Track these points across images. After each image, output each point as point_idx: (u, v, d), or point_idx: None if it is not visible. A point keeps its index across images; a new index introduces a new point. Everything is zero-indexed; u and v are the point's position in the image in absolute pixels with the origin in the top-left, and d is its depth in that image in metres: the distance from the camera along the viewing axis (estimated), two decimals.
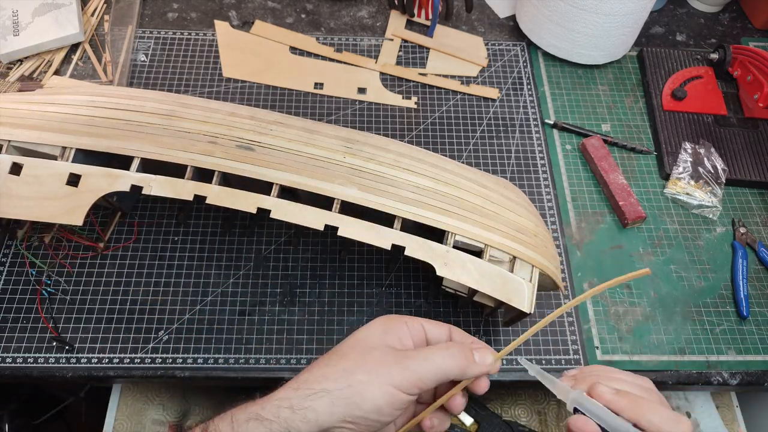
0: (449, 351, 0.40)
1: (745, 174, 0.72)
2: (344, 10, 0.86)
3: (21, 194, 0.50)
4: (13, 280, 0.60)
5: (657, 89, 0.78)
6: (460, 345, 0.41)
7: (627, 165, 0.73)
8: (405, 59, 0.81)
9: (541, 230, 0.55)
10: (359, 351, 0.40)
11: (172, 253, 0.63)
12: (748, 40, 0.87)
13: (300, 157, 0.52)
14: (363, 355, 0.39)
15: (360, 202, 0.50)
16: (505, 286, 0.49)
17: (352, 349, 0.40)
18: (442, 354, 0.40)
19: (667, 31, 0.88)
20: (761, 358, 0.61)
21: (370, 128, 0.74)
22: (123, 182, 0.50)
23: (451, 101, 0.77)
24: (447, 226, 0.50)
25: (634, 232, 0.68)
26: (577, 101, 0.78)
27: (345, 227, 0.49)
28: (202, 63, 0.78)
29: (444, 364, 0.39)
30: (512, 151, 0.73)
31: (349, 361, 0.39)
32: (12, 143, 0.52)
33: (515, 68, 0.81)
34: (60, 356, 0.57)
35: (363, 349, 0.40)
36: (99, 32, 0.79)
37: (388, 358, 0.39)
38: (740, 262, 0.65)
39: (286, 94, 0.76)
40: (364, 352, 0.40)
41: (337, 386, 0.38)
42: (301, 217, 0.49)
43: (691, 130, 0.75)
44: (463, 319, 0.61)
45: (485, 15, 0.88)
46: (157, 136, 0.52)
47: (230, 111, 0.56)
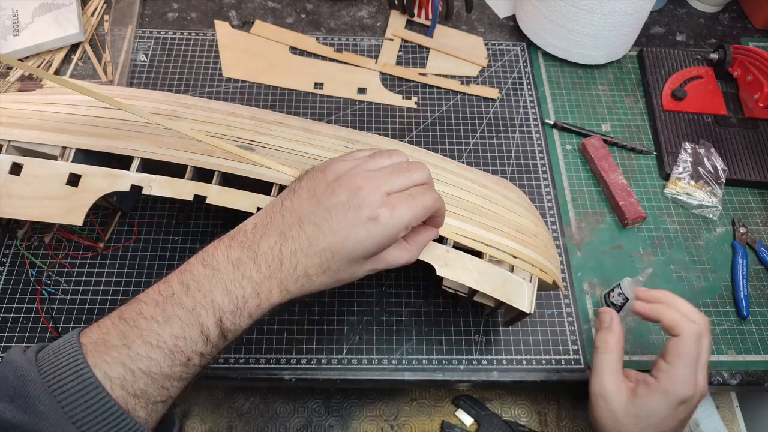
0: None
1: (745, 174, 0.72)
2: (344, 10, 0.86)
3: (21, 194, 0.50)
4: (13, 280, 0.60)
5: (657, 89, 0.78)
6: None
7: (627, 165, 0.73)
8: (405, 59, 0.81)
9: (541, 230, 0.55)
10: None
11: (172, 253, 0.63)
12: (748, 40, 0.87)
13: (300, 157, 0.53)
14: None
15: None
16: (505, 286, 0.49)
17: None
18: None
19: (667, 31, 0.88)
20: (761, 358, 0.61)
21: (370, 128, 0.74)
22: (123, 182, 0.50)
23: (451, 101, 0.77)
24: (447, 226, 0.50)
25: (634, 232, 0.68)
26: (577, 101, 0.78)
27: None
28: (202, 63, 0.78)
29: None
30: (512, 151, 0.73)
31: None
32: (12, 143, 0.52)
33: (515, 68, 0.81)
34: None
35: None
36: (99, 32, 0.79)
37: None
38: (740, 262, 0.65)
39: (286, 94, 0.76)
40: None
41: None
42: None
43: (691, 130, 0.75)
44: (463, 318, 0.61)
45: (485, 15, 0.88)
46: (157, 136, 0.52)
47: (230, 111, 0.56)
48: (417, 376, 0.58)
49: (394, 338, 0.60)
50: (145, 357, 0.36)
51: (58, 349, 0.36)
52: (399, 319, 0.61)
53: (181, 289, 0.38)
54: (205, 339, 0.38)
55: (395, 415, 0.67)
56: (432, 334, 0.60)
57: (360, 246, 0.40)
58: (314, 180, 0.42)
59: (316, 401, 0.68)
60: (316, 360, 0.58)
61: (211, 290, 0.38)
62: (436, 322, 0.61)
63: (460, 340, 0.60)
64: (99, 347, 0.36)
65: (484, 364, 0.59)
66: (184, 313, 0.37)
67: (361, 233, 0.39)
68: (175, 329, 0.37)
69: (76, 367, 0.35)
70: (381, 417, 0.67)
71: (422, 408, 0.67)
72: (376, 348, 0.59)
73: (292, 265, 0.40)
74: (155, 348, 0.36)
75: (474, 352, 0.60)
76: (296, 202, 0.41)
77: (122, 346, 0.36)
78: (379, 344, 0.60)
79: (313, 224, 0.40)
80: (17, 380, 0.35)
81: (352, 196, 0.40)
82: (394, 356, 0.59)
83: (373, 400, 0.68)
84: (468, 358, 0.59)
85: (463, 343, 0.60)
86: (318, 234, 0.40)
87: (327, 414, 0.67)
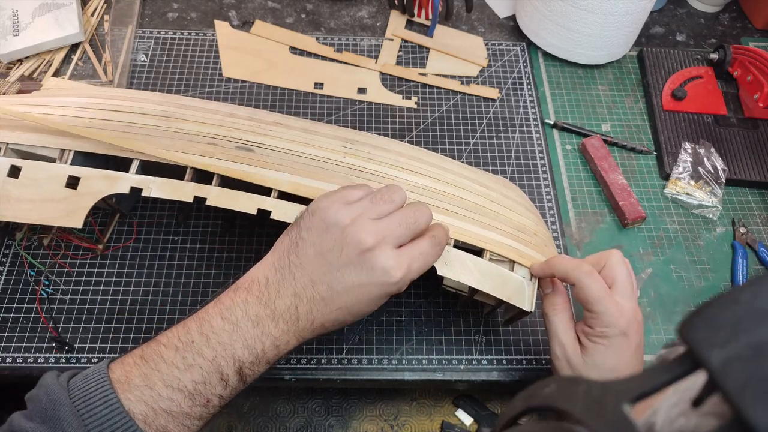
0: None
1: (745, 174, 0.72)
2: (344, 10, 0.86)
3: (20, 197, 0.50)
4: (13, 280, 0.60)
5: (657, 89, 0.78)
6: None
7: (627, 165, 0.73)
8: (405, 59, 0.81)
9: (541, 229, 0.55)
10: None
11: (172, 253, 0.63)
12: (748, 40, 0.87)
13: (299, 158, 0.52)
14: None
15: None
16: (506, 285, 0.49)
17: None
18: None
19: (667, 31, 0.88)
20: None
21: (370, 128, 0.74)
22: (122, 184, 0.50)
23: (451, 101, 0.77)
24: (448, 226, 0.50)
25: (634, 232, 0.68)
26: (577, 101, 0.78)
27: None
28: (202, 63, 0.78)
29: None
30: (512, 151, 0.73)
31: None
32: (10, 146, 0.52)
33: (515, 68, 0.81)
34: (60, 356, 0.57)
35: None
36: (99, 32, 0.79)
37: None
38: (740, 262, 0.65)
39: (286, 94, 0.76)
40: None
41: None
42: None
43: (691, 130, 0.75)
44: (463, 318, 0.61)
45: (485, 15, 0.88)
46: (156, 138, 0.52)
47: (229, 112, 0.56)
48: (417, 376, 0.59)
49: (394, 338, 0.60)
50: (167, 398, 0.39)
51: (88, 376, 0.39)
52: (399, 319, 0.61)
53: (201, 339, 0.40)
54: (224, 384, 0.40)
55: (395, 415, 0.67)
56: (432, 334, 0.60)
57: (372, 303, 0.43)
58: (316, 232, 0.42)
59: (316, 401, 0.68)
60: (316, 360, 0.58)
61: (232, 344, 0.40)
62: (436, 322, 0.61)
63: (460, 340, 0.60)
64: (122, 385, 0.39)
65: (484, 364, 0.59)
66: (204, 362, 0.40)
67: (374, 291, 0.42)
68: (195, 376, 0.39)
69: (103, 394, 0.38)
70: (381, 417, 0.67)
71: (422, 408, 0.67)
72: (376, 348, 0.59)
73: (308, 321, 0.42)
74: (176, 390, 0.39)
75: (474, 352, 0.60)
76: (304, 260, 0.42)
77: (144, 387, 0.39)
78: (379, 344, 0.60)
79: (327, 285, 0.42)
80: (49, 403, 0.38)
81: (364, 257, 0.41)
82: (394, 356, 0.59)
83: (373, 400, 0.68)
84: (468, 358, 0.59)
85: (463, 343, 0.60)
86: (332, 294, 0.42)
87: (327, 414, 0.67)
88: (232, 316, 0.41)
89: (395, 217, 0.43)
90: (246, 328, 0.41)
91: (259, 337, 0.41)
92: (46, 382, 0.39)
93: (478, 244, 0.50)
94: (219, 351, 0.40)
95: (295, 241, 0.43)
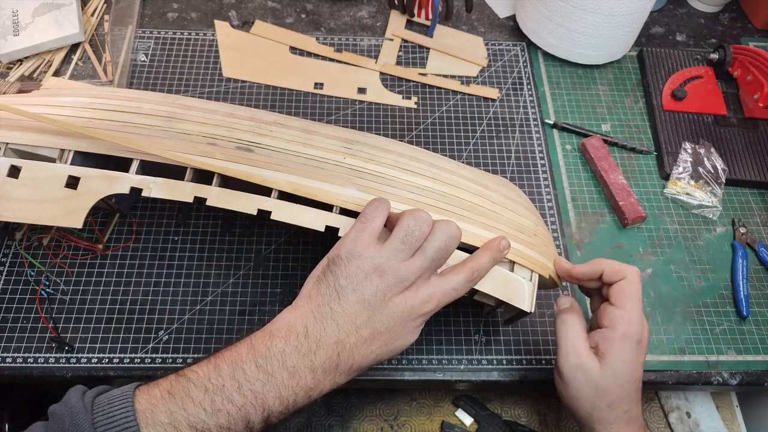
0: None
1: (745, 174, 0.72)
2: (344, 10, 0.86)
3: (20, 197, 0.50)
4: (13, 280, 0.60)
5: (657, 89, 0.78)
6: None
7: (627, 165, 0.73)
8: (405, 59, 0.81)
9: (541, 229, 0.55)
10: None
11: (172, 253, 0.63)
12: (748, 40, 0.87)
13: (299, 158, 0.52)
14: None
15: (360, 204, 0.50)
16: (506, 285, 0.49)
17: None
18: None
19: (667, 31, 0.88)
20: (761, 358, 0.61)
21: (370, 128, 0.74)
22: (122, 184, 0.50)
23: (451, 101, 0.77)
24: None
25: (634, 232, 0.68)
26: (577, 101, 0.78)
27: (345, 228, 0.49)
28: (202, 63, 0.78)
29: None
30: (512, 151, 0.73)
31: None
32: (10, 146, 0.52)
33: (515, 68, 0.81)
34: (60, 356, 0.57)
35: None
36: (99, 32, 0.79)
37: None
38: (740, 262, 0.65)
39: (286, 94, 0.76)
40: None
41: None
42: (301, 218, 0.49)
43: (691, 130, 0.75)
44: (463, 318, 0.61)
45: (485, 15, 0.88)
46: (156, 138, 0.52)
47: (229, 112, 0.56)
48: (417, 376, 0.59)
49: None
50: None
51: (113, 401, 0.38)
52: None
53: (233, 384, 0.39)
54: (248, 430, 0.39)
55: (395, 415, 0.67)
56: (432, 334, 0.60)
57: (409, 336, 0.44)
58: (355, 279, 0.43)
59: (315, 401, 0.68)
60: None
61: (264, 394, 0.39)
62: (436, 322, 0.61)
63: (460, 340, 0.60)
64: (147, 419, 0.38)
65: (484, 364, 0.59)
66: (233, 409, 0.39)
67: (410, 326, 0.43)
68: (221, 420, 0.38)
69: (126, 424, 0.37)
70: (381, 417, 0.67)
71: (422, 408, 0.67)
72: None
73: (347, 366, 0.42)
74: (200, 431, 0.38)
75: (474, 352, 0.60)
76: (347, 307, 0.42)
77: (168, 424, 0.38)
78: None
79: (371, 328, 0.42)
80: (72, 427, 0.37)
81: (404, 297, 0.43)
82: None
83: (373, 400, 0.68)
84: (468, 358, 0.59)
85: (463, 343, 0.60)
86: (374, 335, 0.42)
87: (327, 414, 0.67)
88: (268, 366, 0.40)
89: (428, 253, 0.44)
90: (281, 379, 0.40)
91: (294, 388, 0.40)
92: (72, 402, 0.39)
93: (478, 244, 0.50)
94: (250, 399, 0.39)
95: (335, 289, 0.43)
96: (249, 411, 0.39)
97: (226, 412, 0.39)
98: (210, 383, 0.39)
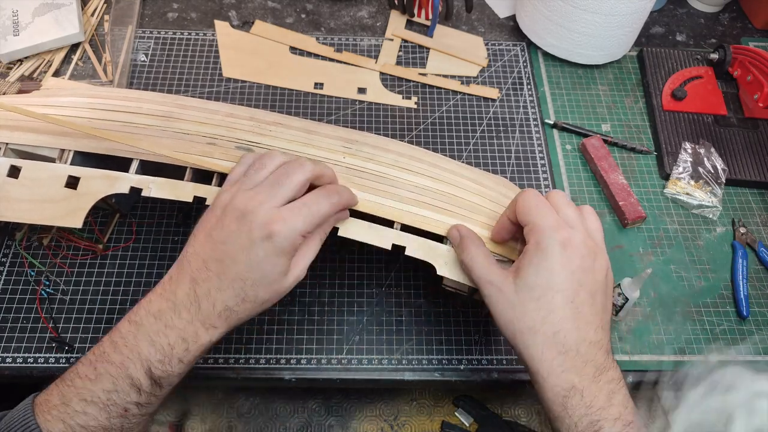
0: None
1: (745, 174, 0.72)
2: (344, 10, 0.86)
3: (19, 197, 0.50)
4: (13, 280, 0.60)
5: (657, 89, 0.78)
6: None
7: (627, 165, 0.73)
8: (405, 59, 0.81)
9: None
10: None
11: (172, 253, 0.63)
12: (748, 40, 0.87)
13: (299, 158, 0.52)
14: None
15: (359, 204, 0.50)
16: None
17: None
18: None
19: (667, 31, 0.88)
20: (761, 358, 0.61)
21: (370, 128, 0.74)
22: (122, 184, 0.50)
23: (451, 101, 0.77)
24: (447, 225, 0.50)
25: (634, 232, 0.68)
26: (577, 101, 0.78)
27: (345, 227, 0.49)
28: (202, 63, 0.78)
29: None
30: (512, 151, 0.73)
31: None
32: (10, 146, 0.52)
33: (515, 68, 0.81)
34: (60, 356, 0.57)
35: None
36: (99, 32, 0.79)
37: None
38: (740, 262, 0.65)
39: (286, 94, 0.76)
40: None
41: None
42: None
43: (691, 130, 0.75)
44: (463, 319, 0.61)
45: (485, 15, 0.88)
46: (156, 138, 0.52)
47: (229, 112, 0.56)
48: (417, 376, 0.59)
49: (394, 338, 0.60)
50: (81, 412, 0.39)
51: (15, 410, 0.41)
52: (399, 319, 0.61)
53: (110, 347, 0.41)
54: (137, 390, 0.40)
55: (395, 415, 0.67)
56: (432, 334, 0.60)
57: (263, 266, 0.42)
58: (205, 221, 0.44)
59: (316, 401, 0.68)
60: (316, 360, 0.58)
61: (137, 344, 0.40)
62: (436, 322, 0.61)
63: (460, 340, 0.60)
64: (42, 407, 0.40)
65: (484, 364, 0.59)
66: (113, 368, 0.40)
67: (259, 254, 0.41)
68: (106, 384, 0.40)
69: (24, 421, 0.39)
70: (381, 417, 0.67)
71: (422, 408, 0.67)
72: (376, 348, 0.59)
73: (209, 304, 0.42)
74: (90, 404, 0.39)
75: (474, 352, 0.60)
76: (197, 247, 0.43)
77: (61, 405, 0.39)
78: (379, 344, 0.60)
79: (216, 260, 0.42)
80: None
81: (241, 222, 0.42)
82: (394, 356, 0.59)
83: (373, 400, 0.68)
84: (468, 358, 0.59)
85: (463, 343, 0.60)
86: (222, 267, 0.42)
87: (327, 414, 0.67)
88: (136, 317, 0.42)
89: (269, 180, 0.44)
90: (149, 325, 0.41)
91: (163, 331, 0.41)
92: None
93: None
94: (126, 354, 0.40)
95: (193, 234, 0.44)
96: (128, 366, 0.40)
97: (108, 374, 0.40)
98: (93, 355, 0.41)
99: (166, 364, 0.40)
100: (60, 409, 0.39)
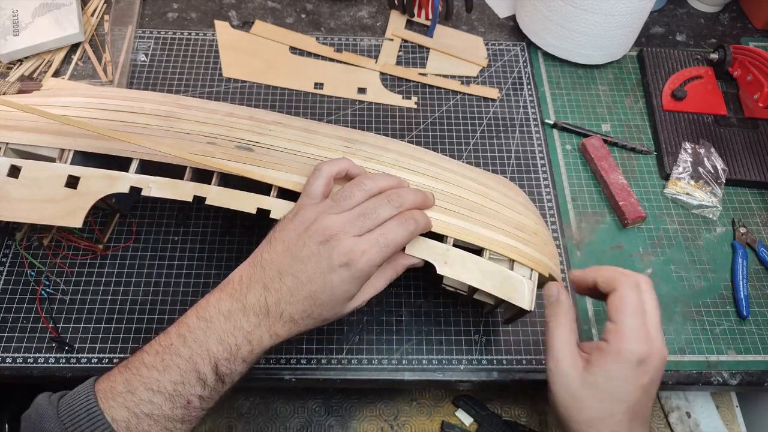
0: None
1: (745, 174, 0.72)
2: (344, 10, 0.86)
3: (19, 197, 0.50)
4: (13, 280, 0.60)
5: (657, 89, 0.78)
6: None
7: (627, 165, 0.73)
8: (405, 59, 0.81)
9: (540, 228, 0.55)
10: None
11: (172, 253, 0.63)
12: (748, 40, 0.87)
13: (300, 157, 0.52)
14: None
15: None
16: (506, 283, 0.49)
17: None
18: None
19: (667, 31, 0.88)
20: (761, 358, 0.61)
21: (370, 128, 0.74)
22: (122, 184, 0.50)
23: (451, 101, 0.77)
24: (447, 225, 0.50)
25: (634, 232, 0.68)
26: (577, 101, 0.78)
27: None
28: (202, 63, 0.78)
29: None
30: (512, 151, 0.73)
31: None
32: (10, 146, 0.52)
33: (515, 68, 0.81)
34: (60, 356, 0.57)
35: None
36: (99, 32, 0.79)
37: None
38: (740, 262, 0.65)
39: (286, 94, 0.76)
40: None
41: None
42: None
43: (691, 130, 0.75)
44: (463, 318, 0.61)
45: (485, 15, 0.88)
46: (156, 138, 0.52)
47: (229, 111, 0.56)
48: (417, 376, 0.58)
49: (394, 338, 0.60)
50: (147, 401, 0.40)
51: (76, 393, 0.41)
52: (399, 319, 0.61)
53: (178, 340, 0.42)
54: (202, 383, 0.41)
55: (395, 415, 0.67)
56: (432, 334, 0.60)
57: (335, 290, 0.44)
58: (286, 232, 0.45)
59: (316, 401, 0.68)
60: (316, 360, 0.58)
61: (206, 340, 0.42)
62: (436, 322, 0.61)
63: (460, 340, 0.60)
64: (106, 393, 0.41)
65: (484, 364, 0.59)
66: (182, 361, 0.41)
67: (334, 279, 0.43)
68: (174, 376, 0.41)
69: (87, 405, 0.40)
70: (381, 417, 0.67)
71: (422, 408, 0.67)
72: (376, 348, 0.59)
73: (277, 313, 0.43)
74: (156, 393, 0.40)
75: (474, 352, 0.60)
76: (273, 255, 0.44)
77: (126, 392, 0.40)
78: (379, 344, 0.60)
79: (292, 276, 0.43)
80: (38, 418, 0.40)
81: (323, 246, 0.43)
82: (394, 356, 0.59)
83: (373, 400, 0.68)
84: (468, 358, 0.59)
85: (463, 343, 0.60)
86: (297, 284, 0.43)
87: (327, 414, 0.67)
88: (206, 314, 0.43)
89: (356, 209, 0.45)
90: (219, 323, 0.42)
91: (232, 332, 0.42)
92: (38, 402, 0.42)
93: (477, 243, 0.50)
94: (195, 349, 0.41)
95: (269, 240, 0.46)
96: (196, 361, 0.41)
97: (176, 366, 0.41)
98: (160, 346, 0.42)
99: (231, 362, 0.42)
100: (125, 397, 0.40)
